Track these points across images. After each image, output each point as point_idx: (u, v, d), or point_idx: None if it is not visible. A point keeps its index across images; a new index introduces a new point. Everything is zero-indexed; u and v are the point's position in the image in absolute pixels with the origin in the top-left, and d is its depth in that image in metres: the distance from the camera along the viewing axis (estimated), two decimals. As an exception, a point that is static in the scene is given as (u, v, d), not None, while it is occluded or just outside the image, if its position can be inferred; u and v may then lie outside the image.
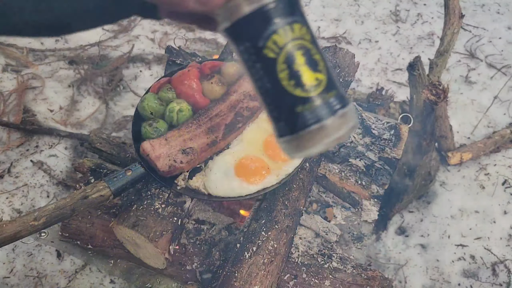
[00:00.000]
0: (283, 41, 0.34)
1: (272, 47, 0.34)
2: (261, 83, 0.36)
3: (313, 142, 0.37)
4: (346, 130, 0.37)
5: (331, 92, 0.36)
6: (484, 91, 2.08)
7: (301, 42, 0.35)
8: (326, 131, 0.36)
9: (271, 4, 0.34)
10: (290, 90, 0.35)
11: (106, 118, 1.90)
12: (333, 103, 0.36)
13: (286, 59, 0.35)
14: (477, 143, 1.79)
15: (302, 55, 0.35)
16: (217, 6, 0.35)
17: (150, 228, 1.13)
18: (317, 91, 0.36)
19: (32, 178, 1.68)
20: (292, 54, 0.35)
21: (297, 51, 0.35)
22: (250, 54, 0.36)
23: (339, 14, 2.48)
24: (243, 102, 1.25)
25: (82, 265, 1.46)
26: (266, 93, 0.36)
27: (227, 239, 1.28)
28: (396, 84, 2.12)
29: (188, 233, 1.29)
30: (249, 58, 0.36)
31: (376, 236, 1.56)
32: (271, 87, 0.36)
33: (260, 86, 0.37)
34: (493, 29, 2.37)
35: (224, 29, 0.37)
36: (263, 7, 0.34)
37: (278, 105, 0.36)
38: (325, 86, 0.36)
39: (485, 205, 1.68)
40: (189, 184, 1.16)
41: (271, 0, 0.35)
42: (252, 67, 0.36)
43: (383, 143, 1.47)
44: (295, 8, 0.36)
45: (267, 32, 0.34)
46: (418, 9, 2.51)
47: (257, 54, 0.35)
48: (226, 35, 0.37)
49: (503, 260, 1.54)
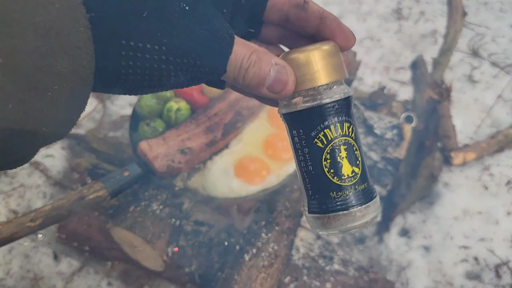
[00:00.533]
0: (332, 136, 0.41)
1: (322, 139, 0.41)
2: (305, 164, 0.42)
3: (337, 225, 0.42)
4: (368, 219, 0.42)
5: (362, 185, 0.42)
6: (487, 90, 2.05)
7: (346, 139, 0.42)
8: (351, 217, 0.42)
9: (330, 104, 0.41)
10: (329, 177, 0.41)
11: (103, 118, 1.88)
12: (362, 195, 0.42)
13: (331, 151, 0.41)
14: (480, 143, 1.77)
15: (345, 150, 0.41)
16: (287, 95, 0.41)
17: (148, 230, 1.11)
18: (351, 182, 0.42)
19: (29, 179, 1.66)
20: (338, 147, 0.41)
21: (342, 146, 0.41)
22: (301, 139, 0.42)
23: (340, 12, 2.46)
24: (242, 101, 1.23)
25: (79, 267, 1.44)
26: (307, 173, 0.42)
27: (227, 240, 1.27)
28: (398, 83, 2.10)
29: (186, 234, 1.27)
30: (300, 141, 0.42)
31: (378, 238, 1.54)
32: (313, 170, 0.42)
33: (303, 166, 0.43)
34: (497, 27, 2.34)
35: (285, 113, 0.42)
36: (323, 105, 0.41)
37: (316, 187, 0.42)
38: (358, 178, 0.42)
39: (489, 206, 1.66)
40: (187, 185, 1.14)
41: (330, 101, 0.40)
42: (300, 150, 0.42)
43: (386, 143, 1.45)
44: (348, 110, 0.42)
45: (322, 126, 0.41)
46: (420, 7, 2.49)
47: (308, 141, 0.41)
48: (284, 118, 0.43)
49: (507, 262, 1.52)
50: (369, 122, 1.50)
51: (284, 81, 0.40)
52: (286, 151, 1.17)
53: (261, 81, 0.39)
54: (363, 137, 1.47)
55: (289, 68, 0.40)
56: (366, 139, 1.47)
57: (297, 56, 0.41)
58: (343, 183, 0.41)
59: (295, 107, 0.41)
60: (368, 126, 1.49)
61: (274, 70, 0.39)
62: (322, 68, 0.41)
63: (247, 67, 0.38)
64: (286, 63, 0.40)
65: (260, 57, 0.39)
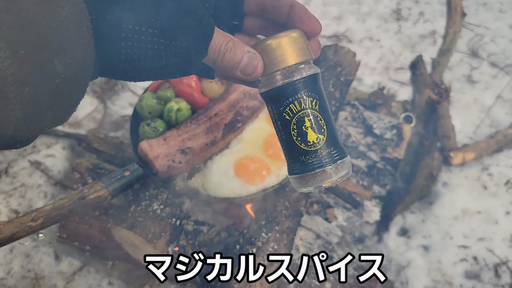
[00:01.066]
0: (296, 109, 0.49)
1: (289, 112, 0.49)
2: (280, 135, 0.51)
3: (314, 181, 0.51)
4: (341, 175, 0.51)
5: (328, 149, 0.50)
6: (486, 91, 2.06)
7: (311, 111, 0.49)
8: (322, 175, 0.50)
9: (293, 82, 0.49)
10: (298, 144, 0.50)
11: (104, 118, 1.89)
12: (329, 157, 0.50)
13: (297, 122, 0.49)
14: (479, 143, 1.77)
15: (309, 121, 0.49)
16: (257, 77, 0.49)
17: (149, 229, 1.12)
18: (316, 147, 0.50)
19: (30, 178, 1.67)
20: (302, 119, 0.49)
21: (306, 117, 0.49)
22: (274, 114, 0.51)
23: (340, 12, 2.46)
24: (243, 101, 1.23)
25: (80, 267, 1.44)
26: (283, 142, 0.51)
27: (227, 240, 1.27)
28: (398, 83, 2.10)
29: (187, 234, 1.27)
30: (274, 116, 0.51)
31: (377, 237, 1.54)
32: (286, 139, 0.51)
33: (280, 136, 0.51)
34: (496, 27, 2.35)
35: (261, 92, 0.51)
36: (287, 84, 0.49)
37: (291, 153, 0.51)
38: (323, 144, 0.50)
39: (488, 205, 1.66)
40: (188, 185, 1.14)
41: (295, 79, 0.48)
42: (276, 122, 0.51)
43: (385, 143, 1.45)
44: (311, 86, 0.50)
45: (287, 101, 0.49)
46: (420, 7, 2.49)
47: (279, 115, 0.50)
48: (262, 96, 0.52)
49: (506, 261, 1.53)
50: (369, 122, 1.50)
51: (254, 65, 0.48)
52: (286, 151, 1.18)
53: (235, 64, 0.47)
54: (363, 137, 1.47)
55: (258, 55, 0.49)
56: (365, 139, 1.47)
57: (270, 42, 0.49)
58: (310, 148, 0.50)
59: (269, 86, 0.49)
60: (368, 126, 1.49)
61: (246, 56, 0.48)
62: (289, 51, 0.49)
63: (225, 52, 0.46)
64: (256, 51, 0.49)
65: (235, 45, 0.47)
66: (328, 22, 2.40)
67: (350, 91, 1.86)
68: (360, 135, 1.48)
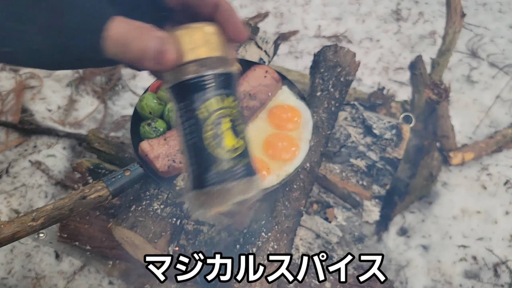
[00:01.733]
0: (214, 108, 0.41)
1: (203, 111, 0.41)
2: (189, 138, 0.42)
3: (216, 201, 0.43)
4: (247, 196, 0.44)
5: (244, 160, 0.42)
6: (486, 91, 2.06)
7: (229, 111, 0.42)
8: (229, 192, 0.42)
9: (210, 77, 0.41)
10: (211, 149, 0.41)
11: (104, 118, 1.89)
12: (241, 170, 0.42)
13: (214, 122, 0.41)
14: (479, 143, 1.78)
15: (228, 122, 0.42)
16: (169, 68, 0.42)
17: (149, 229, 1.12)
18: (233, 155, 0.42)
19: (30, 178, 1.67)
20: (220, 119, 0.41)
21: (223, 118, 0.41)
22: (186, 112, 0.42)
23: (339, 13, 2.47)
24: (242, 101, 1.23)
25: (81, 266, 1.45)
26: (191, 147, 0.42)
27: (227, 240, 1.27)
28: (397, 84, 2.11)
29: (187, 234, 1.28)
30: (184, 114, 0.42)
31: (377, 237, 1.55)
32: (196, 143, 0.42)
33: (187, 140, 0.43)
34: (495, 28, 2.35)
35: (169, 86, 0.43)
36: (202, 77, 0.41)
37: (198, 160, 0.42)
38: (241, 152, 0.42)
39: (487, 205, 1.67)
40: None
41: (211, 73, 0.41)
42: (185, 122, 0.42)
43: (385, 143, 1.46)
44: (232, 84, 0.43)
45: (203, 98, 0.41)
46: (419, 7, 2.50)
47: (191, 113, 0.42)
48: (169, 91, 0.44)
49: (505, 261, 1.53)
50: (368, 122, 1.51)
51: (165, 50, 0.41)
52: (286, 151, 1.18)
53: (143, 53, 0.41)
54: (362, 137, 1.48)
55: (171, 39, 0.42)
56: (365, 139, 1.47)
57: (180, 32, 0.43)
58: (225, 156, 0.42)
59: (179, 79, 0.43)
60: (367, 126, 1.50)
61: (155, 41, 0.41)
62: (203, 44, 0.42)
63: (128, 43, 0.41)
64: (168, 35, 0.42)
65: (142, 32, 0.41)
66: (328, 23, 2.41)
67: (350, 91, 1.86)
68: (360, 135, 1.48)
